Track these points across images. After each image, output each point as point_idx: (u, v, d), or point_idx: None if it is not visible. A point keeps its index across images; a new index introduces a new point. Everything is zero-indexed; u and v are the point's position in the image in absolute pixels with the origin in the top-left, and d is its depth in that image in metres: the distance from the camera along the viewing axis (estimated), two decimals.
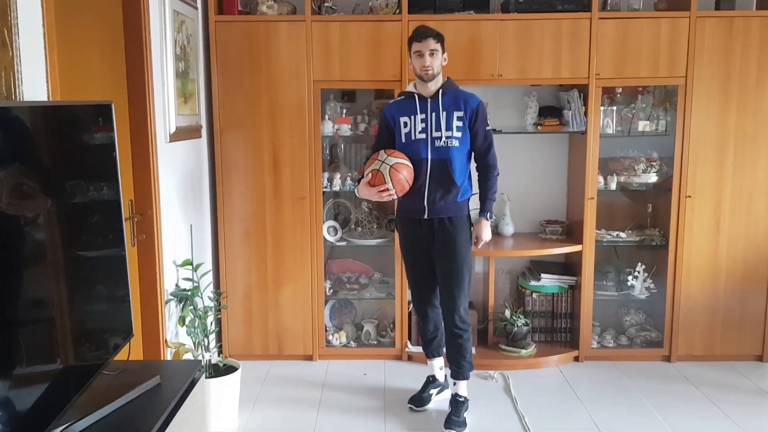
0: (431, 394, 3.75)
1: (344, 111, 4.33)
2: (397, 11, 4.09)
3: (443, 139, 3.41)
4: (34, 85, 2.14)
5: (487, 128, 3.50)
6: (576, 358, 4.36)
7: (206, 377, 3.37)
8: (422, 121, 3.43)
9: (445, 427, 3.44)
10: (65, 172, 1.95)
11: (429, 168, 3.42)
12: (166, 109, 3.35)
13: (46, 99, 2.18)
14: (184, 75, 3.64)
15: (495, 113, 4.46)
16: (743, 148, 4.13)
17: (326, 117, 4.25)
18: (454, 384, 3.61)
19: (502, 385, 4.01)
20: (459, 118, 3.43)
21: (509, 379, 4.07)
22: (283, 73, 4.07)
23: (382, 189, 3.35)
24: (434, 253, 3.53)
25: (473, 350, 4.32)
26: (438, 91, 3.45)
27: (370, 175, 3.38)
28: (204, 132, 4.05)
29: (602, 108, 4.19)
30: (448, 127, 3.41)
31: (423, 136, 3.42)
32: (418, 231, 3.53)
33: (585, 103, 4.16)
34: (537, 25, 4.05)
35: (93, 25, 2.84)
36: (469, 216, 3.56)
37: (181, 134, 3.56)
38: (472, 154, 3.54)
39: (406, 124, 3.46)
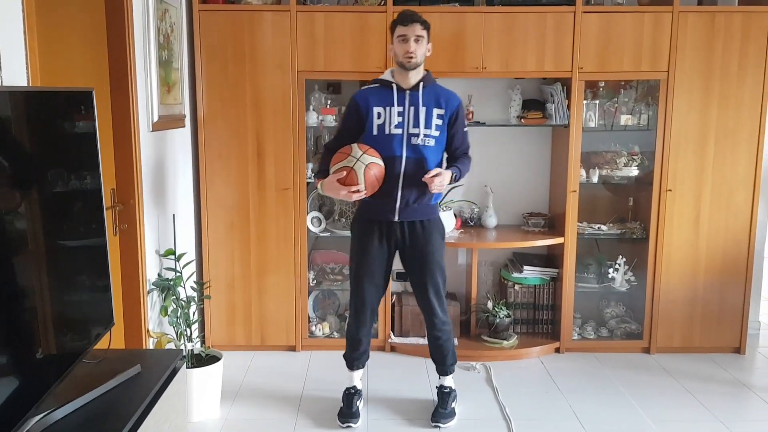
0: (359, 407, 3.54)
1: (329, 102, 4.32)
2: (382, 2, 4.09)
3: (421, 137, 3.19)
4: (13, 71, 2.12)
5: (465, 129, 3.33)
6: (557, 350, 4.40)
7: (188, 367, 3.37)
8: (399, 114, 3.19)
9: (432, 420, 3.40)
10: (46, 160, 1.94)
11: (403, 167, 3.19)
12: (148, 97, 3.33)
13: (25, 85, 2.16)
14: (168, 64, 3.62)
15: (479, 106, 4.48)
16: (724, 143, 4.17)
17: (311, 108, 4.24)
18: (440, 377, 3.57)
19: (484, 376, 4.03)
20: (439, 116, 3.22)
21: (491, 369, 4.09)
22: (267, 63, 4.06)
23: (353, 189, 3.09)
24: (405, 258, 3.37)
25: (455, 341, 4.35)
26: (419, 83, 3.22)
27: (344, 172, 3.10)
28: (187, 121, 4.04)
29: (585, 102, 4.22)
30: (427, 125, 3.19)
31: (399, 131, 3.19)
32: (383, 235, 3.31)
33: (568, 97, 4.18)
34: (521, 18, 4.07)
35: (74, 13, 2.82)
36: (440, 218, 3.42)
37: (164, 123, 3.54)
38: (445, 155, 3.36)
39: (380, 115, 3.20)
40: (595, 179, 4.34)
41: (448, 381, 3.56)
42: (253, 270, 4.25)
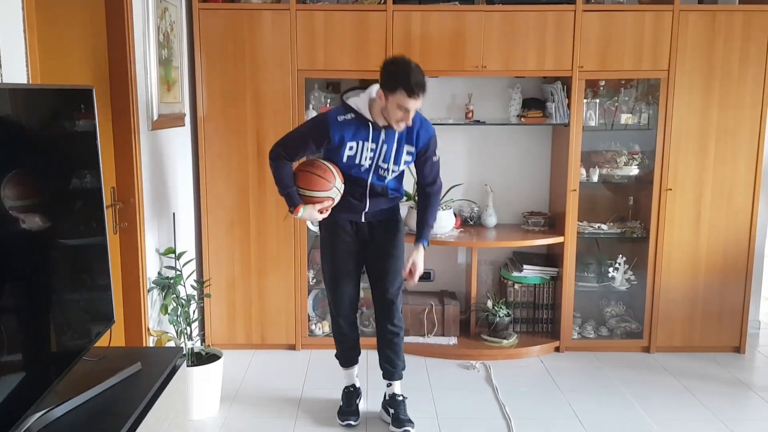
0: (359, 405, 3.55)
1: (328, 101, 4.32)
2: (382, 1, 4.08)
3: (389, 171, 3.18)
4: (13, 69, 2.12)
5: (435, 159, 3.26)
6: (557, 349, 4.40)
7: (188, 365, 3.37)
8: (371, 150, 3.13)
9: (399, 428, 3.31)
10: (46, 159, 1.94)
11: (368, 187, 3.22)
12: (148, 96, 3.33)
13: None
14: (167, 62, 3.62)
15: (479, 105, 4.48)
16: (724, 142, 4.17)
17: (310, 106, 4.24)
18: (389, 385, 3.47)
19: (484, 375, 4.03)
20: (408, 153, 3.19)
21: (491, 368, 4.09)
22: (267, 62, 4.06)
23: (326, 214, 3.20)
24: (368, 254, 3.36)
25: (456, 341, 4.36)
26: None
27: (328, 202, 3.16)
28: (187, 120, 4.04)
29: (585, 100, 4.22)
30: (396, 161, 3.17)
31: (368, 163, 3.16)
32: (352, 229, 3.32)
33: (568, 96, 4.18)
34: (522, 17, 4.06)
35: (74, 11, 2.81)
36: (401, 216, 3.43)
37: (164, 122, 3.54)
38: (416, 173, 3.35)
39: (351, 148, 3.13)
40: (595, 178, 4.34)
41: (398, 388, 3.47)
42: (253, 269, 4.25)
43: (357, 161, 3.16)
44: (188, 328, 3.44)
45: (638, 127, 4.33)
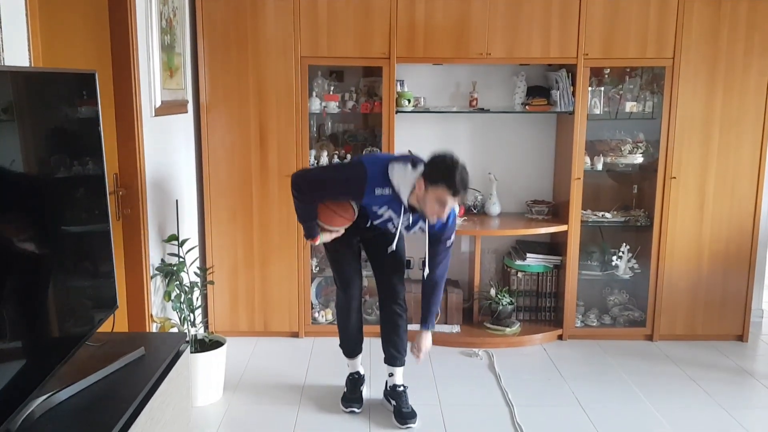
0: (362, 392, 3.56)
1: (332, 88, 4.31)
2: None
3: (398, 230, 3.12)
4: (15, 54, 2.11)
5: (449, 245, 3.21)
6: (560, 337, 4.40)
7: (192, 352, 3.37)
8: (393, 219, 3.11)
9: (402, 424, 3.29)
10: (48, 144, 1.93)
11: (377, 226, 3.21)
12: (151, 82, 3.31)
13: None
14: (170, 48, 3.61)
15: (483, 92, 4.46)
16: (728, 131, 4.15)
17: (314, 94, 4.23)
18: (391, 375, 3.46)
19: (487, 363, 4.04)
20: (421, 228, 3.15)
21: (493, 356, 4.10)
22: (270, 49, 4.04)
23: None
24: (371, 241, 3.35)
25: (459, 329, 4.36)
26: None
27: (342, 230, 3.20)
28: (190, 107, 4.03)
29: (590, 89, 4.20)
30: (410, 229, 3.16)
31: (389, 225, 3.16)
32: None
33: (573, 84, 4.16)
34: (526, 4, 4.04)
35: None
36: None
37: (166, 109, 3.53)
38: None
39: (377, 209, 3.10)
40: (599, 167, 4.33)
41: (400, 377, 3.45)
42: (256, 256, 4.25)
43: (378, 221, 3.15)
44: (191, 315, 3.44)
45: (643, 115, 4.31)
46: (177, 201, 3.69)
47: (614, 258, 4.42)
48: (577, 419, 3.37)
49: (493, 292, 4.45)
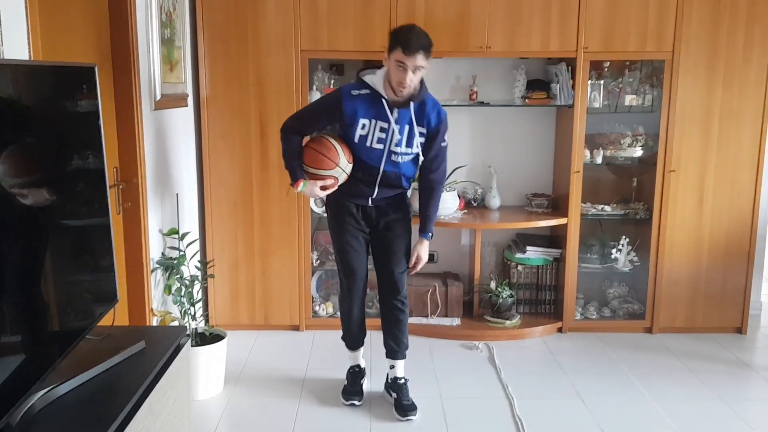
0: (363, 385, 3.57)
1: (332, 82, 4.30)
2: None
3: (401, 155, 3.15)
4: (15, 47, 2.11)
5: (443, 144, 3.22)
6: (560, 330, 4.41)
7: (192, 346, 3.38)
8: (382, 130, 3.10)
9: (403, 416, 3.29)
10: (48, 138, 1.93)
11: (380, 176, 3.18)
12: (151, 76, 3.32)
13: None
14: (170, 42, 3.61)
15: (483, 86, 4.46)
16: (728, 123, 4.15)
17: (314, 87, 4.23)
18: (392, 368, 3.47)
19: (487, 356, 4.05)
20: (421, 134, 3.15)
21: (494, 349, 4.11)
22: (270, 42, 4.04)
23: (331, 191, 3.19)
24: (376, 235, 3.36)
25: (459, 322, 4.37)
26: (410, 99, 3.09)
27: (331, 181, 3.12)
28: (190, 101, 4.03)
29: (590, 82, 4.19)
30: (409, 144, 3.13)
31: (380, 146, 3.12)
32: (358, 211, 3.30)
33: (573, 77, 4.16)
34: None
35: None
36: (408, 199, 3.42)
37: (166, 102, 3.53)
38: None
39: (364, 127, 3.09)
40: (599, 160, 4.33)
41: (401, 369, 3.46)
42: (257, 250, 4.26)
43: (368, 143, 3.12)
44: (192, 309, 3.45)
45: (642, 108, 4.31)
46: (177, 194, 3.69)
47: (614, 251, 4.43)
48: (577, 412, 3.38)
49: (493, 285, 4.46)
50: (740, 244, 4.28)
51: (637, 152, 4.32)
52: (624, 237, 4.41)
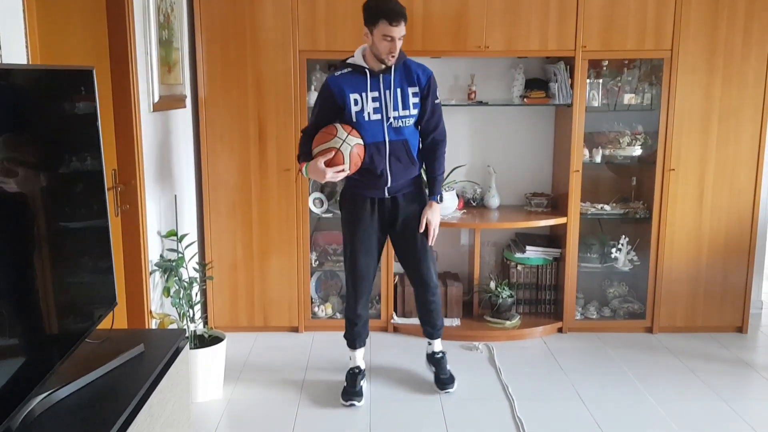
0: (363, 386, 3.57)
1: None
2: None
3: (400, 119, 3.22)
4: (13, 50, 2.11)
5: (437, 101, 3.31)
6: (560, 330, 4.40)
7: (191, 348, 3.38)
8: (374, 99, 3.19)
9: (442, 389, 3.51)
10: (46, 141, 1.92)
11: (388, 150, 3.23)
12: (149, 77, 3.31)
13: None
14: (168, 43, 3.60)
15: (481, 85, 4.46)
16: (727, 122, 4.14)
17: (312, 88, 4.22)
18: (430, 344, 3.67)
19: (487, 356, 4.04)
20: (414, 94, 3.23)
21: (494, 349, 4.10)
22: (268, 43, 4.03)
23: (339, 170, 3.13)
24: (396, 228, 3.39)
25: (459, 322, 4.37)
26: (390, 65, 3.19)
27: (331, 153, 3.11)
28: (188, 102, 4.02)
29: (588, 81, 4.19)
30: (405, 106, 3.21)
31: (378, 116, 3.20)
32: (374, 208, 3.35)
33: (571, 76, 4.15)
34: None
35: None
36: (424, 189, 3.47)
37: (165, 104, 3.52)
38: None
39: (356, 102, 3.18)
40: (598, 159, 4.33)
41: (438, 345, 3.66)
42: (256, 251, 4.25)
43: (366, 117, 3.19)
44: (191, 311, 3.44)
45: (641, 107, 4.30)
46: (176, 196, 3.68)
47: (613, 250, 4.42)
48: (577, 412, 3.37)
49: (492, 285, 4.45)
50: (740, 242, 4.27)
51: (637, 151, 4.31)
52: (624, 236, 4.40)
